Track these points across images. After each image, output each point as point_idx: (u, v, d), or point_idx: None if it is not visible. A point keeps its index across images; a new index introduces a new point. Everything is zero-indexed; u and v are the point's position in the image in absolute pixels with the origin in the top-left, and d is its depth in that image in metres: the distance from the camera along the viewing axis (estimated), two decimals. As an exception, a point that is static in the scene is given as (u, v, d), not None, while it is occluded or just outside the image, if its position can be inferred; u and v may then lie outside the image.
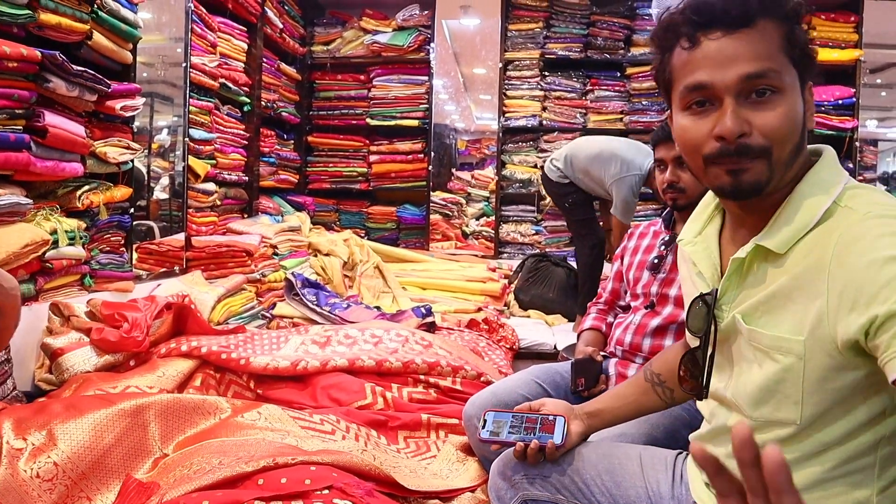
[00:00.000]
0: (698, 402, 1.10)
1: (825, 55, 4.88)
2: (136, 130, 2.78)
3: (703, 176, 0.93)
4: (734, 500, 0.51)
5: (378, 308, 3.50)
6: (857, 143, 5.02)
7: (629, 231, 2.10)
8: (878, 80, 5.18)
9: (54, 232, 2.20)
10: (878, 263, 0.77)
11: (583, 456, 1.23)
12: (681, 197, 1.80)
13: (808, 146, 0.95)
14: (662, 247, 1.89)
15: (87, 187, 2.45)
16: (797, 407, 0.87)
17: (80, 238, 2.34)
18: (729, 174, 0.89)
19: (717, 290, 0.98)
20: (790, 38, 0.87)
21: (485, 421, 1.30)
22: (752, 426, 0.87)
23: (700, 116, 0.90)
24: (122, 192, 2.66)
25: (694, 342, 1.06)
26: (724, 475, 0.51)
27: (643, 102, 4.99)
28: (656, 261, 1.87)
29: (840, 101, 4.97)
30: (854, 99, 4.97)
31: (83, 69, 2.25)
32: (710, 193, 1.07)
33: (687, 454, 1.21)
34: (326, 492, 1.35)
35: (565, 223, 4.63)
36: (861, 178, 5.11)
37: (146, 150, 3.22)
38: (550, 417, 1.26)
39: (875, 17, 4.96)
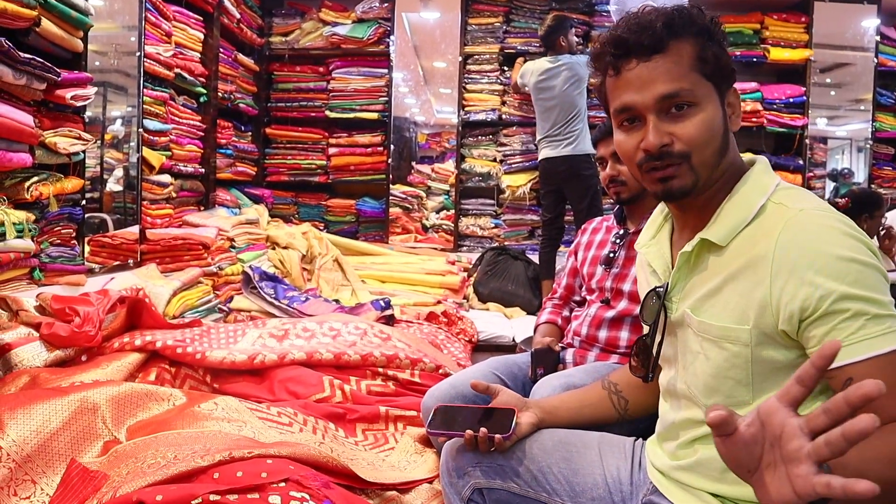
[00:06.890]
0: (660, 405, 1.16)
1: (777, 54, 5.02)
2: (87, 120, 2.71)
3: (642, 181, 1.04)
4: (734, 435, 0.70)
5: (337, 301, 3.49)
6: (808, 141, 5.16)
7: (582, 227, 2.13)
8: (828, 80, 5.33)
9: (1, 224, 2.14)
10: (823, 256, 0.87)
11: (539, 443, 1.24)
12: (623, 190, 1.86)
13: (745, 156, 1.06)
14: (616, 240, 1.92)
15: (36, 178, 2.38)
16: (748, 388, 0.96)
17: (29, 230, 2.28)
18: (659, 182, 1.01)
19: (667, 283, 1.07)
20: (702, 55, 0.99)
21: (434, 415, 1.29)
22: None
23: (630, 132, 1.03)
24: (73, 183, 2.59)
25: (646, 330, 1.14)
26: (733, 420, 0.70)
27: (601, 98, 5.03)
28: (611, 255, 1.90)
29: (791, 100, 5.10)
30: (805, 97, 5.11)
31: (31, 57, 2.19)
32: (661, 203, 1.17)
33: (644, 440, 1.24)
34: (283, 484, 1.34)
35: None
36: (811, 174, 5.26)
37: (99, 141, 3.14)
38: (499, 409, 1.24)
39: (825, 18, 5.09)
